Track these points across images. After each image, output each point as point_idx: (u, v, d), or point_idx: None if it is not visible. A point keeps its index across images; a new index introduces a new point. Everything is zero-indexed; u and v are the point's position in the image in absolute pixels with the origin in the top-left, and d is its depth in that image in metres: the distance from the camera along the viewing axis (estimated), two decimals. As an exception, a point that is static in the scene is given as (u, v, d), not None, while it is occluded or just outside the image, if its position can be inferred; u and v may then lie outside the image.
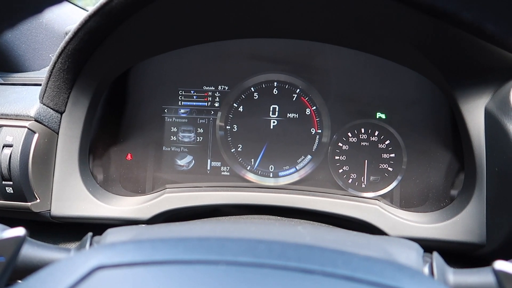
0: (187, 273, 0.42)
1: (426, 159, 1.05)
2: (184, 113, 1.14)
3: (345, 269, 0.42)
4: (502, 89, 0.85)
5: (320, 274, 0.41)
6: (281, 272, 0.42)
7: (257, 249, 0.45)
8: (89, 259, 0.44)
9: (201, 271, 0.42)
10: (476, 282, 0.56)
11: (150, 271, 0.43)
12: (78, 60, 0.88)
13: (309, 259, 0.44)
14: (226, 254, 0.44)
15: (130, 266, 0.43)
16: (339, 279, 0.41)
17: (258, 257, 0.43)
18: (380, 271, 0.43)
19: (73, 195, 0.93)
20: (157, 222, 0.97)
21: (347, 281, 0.41)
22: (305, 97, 1.11)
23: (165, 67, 1.12)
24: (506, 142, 0.80)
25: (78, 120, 0.94)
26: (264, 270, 0.42)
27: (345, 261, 0.44)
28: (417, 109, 1.06)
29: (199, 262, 0.43)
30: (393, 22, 0.90)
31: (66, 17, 1.34)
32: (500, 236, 0.82)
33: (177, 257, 0.43)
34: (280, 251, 0.44)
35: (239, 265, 0.42)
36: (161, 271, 0.43)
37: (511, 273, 0.45)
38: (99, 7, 0.78)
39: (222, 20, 1.00)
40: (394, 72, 1.06)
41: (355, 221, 0.95)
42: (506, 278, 0.46)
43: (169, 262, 0.43)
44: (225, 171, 1.13)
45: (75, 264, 0.44)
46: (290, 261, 0.43)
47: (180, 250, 0.45)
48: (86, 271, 0.42)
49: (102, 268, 0.43)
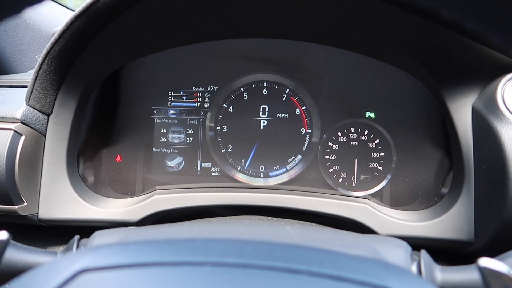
0: (172, 274, 0.42)
1: (415, 158, 1.06)
2: (174, 114, 1.13)
3: (332, 268, 0.42)
4: (489, 87, 0.86)
5: (306, 274, 0.41)
6: (267, 273, 0.41)
7: (243, 250, 0.45)
8: (73, 262, 0.44)
9: (186, 272, 0.41)
10: (462, 279, 0.56)
11: (135, 273, 0.42)
12: (65, 61, 0.87)
13: (295, 259, 0.43)
14: (212, 255, 0.44)
15: (115, 268, 0.43)
16: (325, 279, 0.41)
17: (244, 257, 0.43)
18: (367, 270, 0.43)
19: (61, 198, 0.92)
20: (147, 224, 0.96)
21: (334, 280, 0.41)
22: (295, 97, 1.11)
23: (154, 68, 1.12)
24: (493, 140, 0.81)
25: (65, 122, 0.93)
26: (250, 270, 0.41)
27: (332, 260, 0.44)
28: (406, 108, 1.07)
29: (185, 263, 0.42)
30: (382, 22, 0.90)
31: (54, 18, 1.33)
32: (488, 234, 0.82)
33: (162, 259, 0.43)
34: (267, 251, 0.44)
35: (225, 266, 0.42)
36: (146, 273, 0.42)
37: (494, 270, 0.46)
38: (85, 8, 0.77)
39: (212, 20, 1.00)
40: (383, 71, 1.06)
41: (345, 220, 0.95)
42: (490, 274, 0.46)
43: (154, 264, 0.43)
44: (215, 172, 1.12)
45: (59, 267, 0.44)
46: (276, 261, 0.43)
47: (166, 251, 0.44)
48: (70, 275, 0.42)
49: (86, 271, 0.42)
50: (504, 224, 0.78)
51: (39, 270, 0.44)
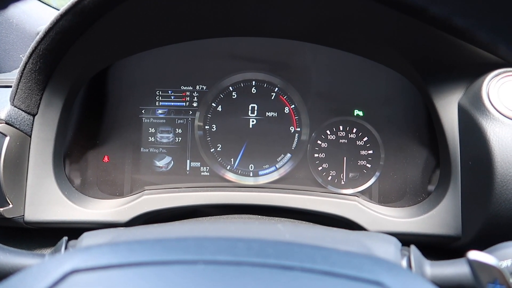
0: (164, 274, 0.41)
1: (403, 155, 1.07)
2: (162, 114, 1.12)
3: (324, 264, 0.43)
4: (474, 85, 0.88)
5: (299, 270, 0.41)
6: (261, 270, 0.41)
7: (236, 248, 0.44)
8: (62, 263, 0.43)
9: (179, 271, 0.41)
10: (452, 273, 0.57)
11: (127, 273, 0.42)
12: (50, 61, 0.85)
13: (287, 256, 0.43)
14: (204, 254, 0.43)
15: (105, 269, 0.42)
16: (318, 275, 0.41)
17: (237, 255, 0.43)
18: (359, 265, 0.43)
19: (47, 199, 0.91)
20: (136, 225, 0.95)
21: (326, 276, 0.41)
22: (283, 96, 1.11)
23: (142, 67, 1.11)
24: (478, 137, 0.82)
25: (51, 122, 0.92)
26: (243, 268, 0.41)
27: (324, 256, 0.44)
28: (394, 106, 1.08)
29: (177, 262, 0.42)
30: (369, 20, 0.91)
31: (38, 17, 1.31)
32: (474, 228, 0.84)
33: (154, 258, 0.43)
34: (259, 249, 0.44)
35: (217, 264, 0.42)
36: (138, 273, 0.42)
37: (483, 262, 0.46)
38: (71, 6, 0.76)
39: (199, 19, 0.99)
40: (370, 69, 1.07)
41: (335, 217, 0.96)
42: (479, 267, 0.47)
43: (145, 264, 0.43)
44: (204, 171, 1.12)
45: (47, 269, 0.43)
46: (269, 258, 0.43)
47: (157, 251, 0.44)
48: (59, 276, 0.41)
49: (76, 272, 0.42)
50: (490, 218, 0.80)
51: (27, 272, 0.43)
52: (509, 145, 0.78)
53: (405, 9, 0.59)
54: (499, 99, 0.83)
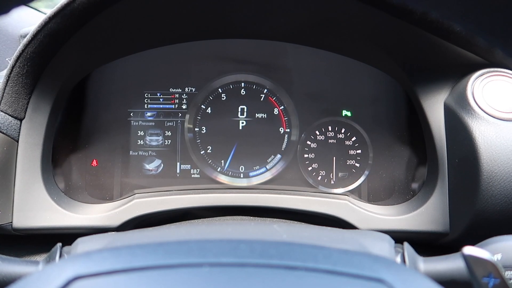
0: (169, 277, 0.41)
1: (391, 154, 1.09)
2: (151, 116, 1.11)
3: (326, 263, 0.43)
4: (459, 84, 0.90)
5: (302, 270, 0.42)
6: (265, 270, 0.42)
7: (239, 249, 0.45)
8: (64, 270, 0.43)
9: (184, 274, 0.41)
10: (445, 268, 0.59)
11: (131, 278, 0.42)
12: (38, 64, 0.84)
13: (290, 256, 0.44)
14: (208, 256, 0.44)
15: (109, 274, 0.42)
16: (321, 273, 0.42)
17: (241, 257, 0.43)
18: (360, 264, 0.44)
19: (36, 206, 0.89)
20: (127, 229, 0.94)
21: (329, 274, 0.42)
22: (272, 97, 1.12)
23: (130, 69, 1.10)
24: (464, 135, 0.84)
25: (39, 126, 0.90)
26: (247, 269, 0.42)
27: (326, 255, 0.45)
28: (381, 106, 1.10)
29: (182, 265, 0.42)
30: (357, 22, 0.93)
31: (20, 19, 1.28)
32: (462, 225, 0.86)
33: (158, 262, 0.43)
34: (262, 250, 0.45)
35: (222, 266, 0.42)
36: (142, 277, 0.42)
37: (479, 257, 0.48)
38: (60, 8, 0.75)
39: (188, 22, 0.99)
40: (358, 70, 1.09)
41: (326, 217, 0.97)
42: (474, 261, 0.49)
43: (150, 268, 0.43)
44: (195, 174, 1.12)
45: (49, 276, 0.42)
46: (272, 259, 0.43)
47: (161, 254, 0.44)
48: (63, 283, 0.41)
49: (79, 279, 0.41)
50: (477, 214, 0.82)
51: (28, 280, 0.43)
52: (494, 143, 0.81)
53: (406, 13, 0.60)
54: (484, 98, 0.86)
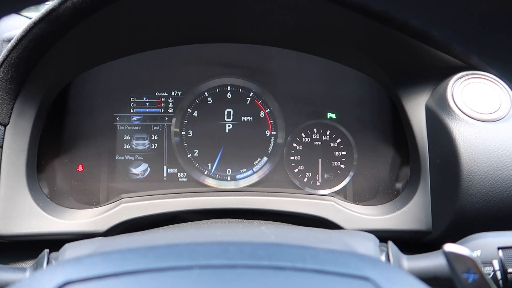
0: (160, 280, 0.42)
1: (375, 155, 1.11)
2: (137, 120, 1.11)
3: (314, 263, 0.45)
4: (440, 87, 0.93)
5: (291, 270, 0.43)
6: (254, 271, 0.43)
7: (229, 251, 0.46)
8: (54, 276, 0.43)
9: (175, 277, 0.42)
10: (428, 265, 0.61)
11: (122, 282, 0.42)
12: (23, 69, 0.83)
13: (279, 257, 0.45)
14: (198, 259, 0.44)
15: (99, 279, 0.42)
16: (309, 273, 0.43)
17: (231, 259, 0.44)
18: (346, 263, 0.45)
19: (21, 212, 0.88)
20: (115, 234, 0.94)
21: (317, 274, 0.43)
22: (258, 100, 1.13)
23: (116, 74, 1.09)
24: (445, 136, 0.87)
25: (24, 132, 0.89)
26: (237, 270, 0.43)
27: (313, 255, 0.46)
28: (365, 108, 1.12)
29: (172, 268, 0.43)
30: (340, 26, 0.95)
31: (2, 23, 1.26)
32: (444, 223, 0.89)
33: (149, 266, 0.43)
34: (251, 251, 0.46)
35: (212, 268, 0.43)
36: (133, 281, 0.42)
37: (459, 254, 0.50)
38: (45, 14, 0.75)
39: (174, 27, 1.00)
40: (342, 73, 1.11)
41: (313, 218, 0.98)
42: (454, 258, 0.51)
43: (140, 272, 0.43)
44: (182, 177, 1.12)
45: (39, 282, 0.43)
46: (261, 260, 0.44)
47: (151, 258, 0.45)
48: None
49: (70, 284, 0.42)
50: (458, 213, 0.85)
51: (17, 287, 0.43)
52: (473, 144, 0.84)
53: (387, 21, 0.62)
54: (463, 100, 0.89)
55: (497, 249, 0.59)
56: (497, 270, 0.58)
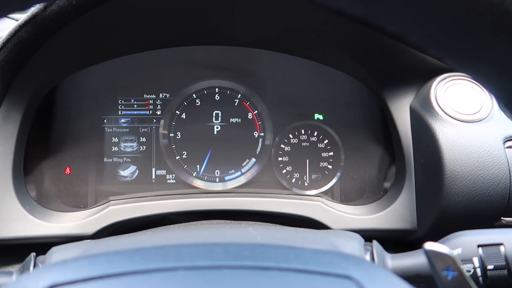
0: (146, 282, 0.42)
1: (362, 156, 1.13)
2: (125, 123, 1.11)
3: (298, 263, 0.45)
4: (423, 88, 0.95)
5: (275, 270, 0.44)
6: (239, 272, 0.44)
7: (214, 252, 0.46)
8: (40, 279, 0.43)
9: (160, 279, 0.42)
10: (410, 264, 0.62)
11: (108, 285, 0.43)
12: (8, 72, 0.83)
13: (264, 257, 0.46)
14: (184, 260, 0.45)
15: (85, 281, 0.43)
16: (293, 273, 0.44)
17: (216, 260, 0.45)
18: (329, 262, 0.46)
19: (8, 215, 0.88)
20: (103, 236, 0.94)
21: (300, 273, 0.44)
22: (246, 102, 1.14)
23: (103, 76, 1.09)
24: (428, 136, 0.89)
25: (10, 135, 0.89)
26: (222, 271, 0.43)
27: (297, 255, 0.47)
28: (352, 110, 1.14)
29: (158, 270, 0.43)
30: (326, 29, 0.96)
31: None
32: (428, 222, 0.91)
33: (134, 268, 0.44)
34: (236, 252, 0.46)
35: (197, 269, 0.44)
36: (119, 283, 0.43)
37: (438, 252, 0.51)
38: (31, 17, 0.74)
39: (161, 29, 1.00)
40: (329, 75, 1.12)
41: (300, 218, 1.00)
42: (434, 256, 0.52)
43: (126, 274, 0.43)
44: (171, 179, 1.12)
45: (25, 286, 0.43)
46: (246, 260, 0.45)
47: (137, 260, 0.45)
48: (39, 292, 0.41)
49: (56, 287, 0.42)
50: (441, 212, 0.87)
51: (3, 290, 0.43)
52: (456, 144, 0.85)
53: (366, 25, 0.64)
54: (446, 101, 0.90)
55: (477, 246, 0.60)
56: (477, 267, 0.59)
